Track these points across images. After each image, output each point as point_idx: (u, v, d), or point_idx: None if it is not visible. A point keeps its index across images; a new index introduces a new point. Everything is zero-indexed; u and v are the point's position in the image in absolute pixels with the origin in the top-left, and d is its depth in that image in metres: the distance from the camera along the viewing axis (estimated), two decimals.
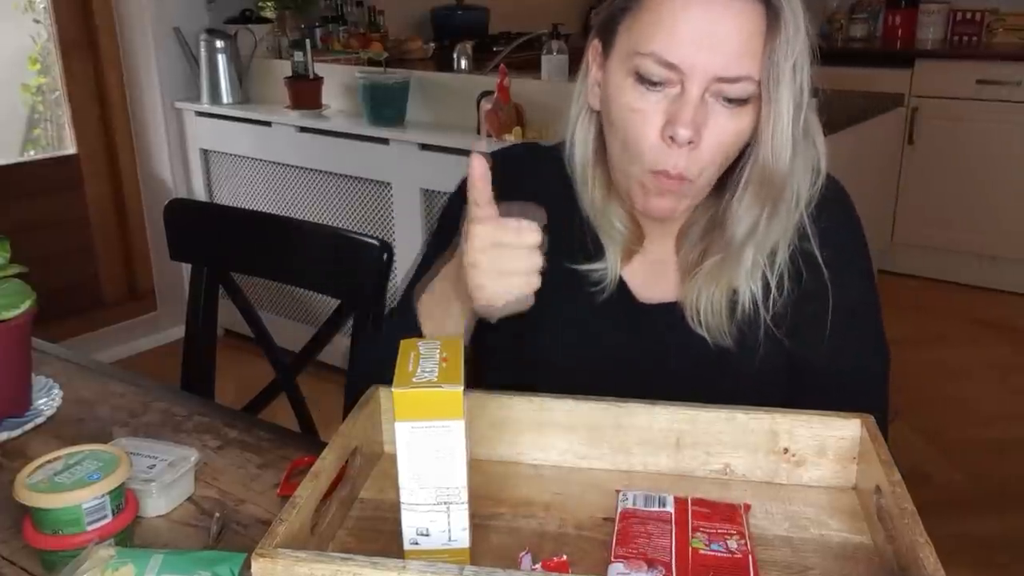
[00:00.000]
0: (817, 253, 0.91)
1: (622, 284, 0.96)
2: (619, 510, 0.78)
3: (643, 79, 0.82)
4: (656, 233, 0.96)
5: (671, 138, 0.82)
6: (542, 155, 1.02)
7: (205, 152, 3.09)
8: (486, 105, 2.35)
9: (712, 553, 0.72)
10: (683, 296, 0.94)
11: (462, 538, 0.71)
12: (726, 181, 0.89)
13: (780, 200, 0.87)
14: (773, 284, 0.90)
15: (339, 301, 1.35)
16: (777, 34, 0.80)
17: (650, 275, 0.97)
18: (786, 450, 0.83)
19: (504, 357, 0.99)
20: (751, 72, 0.81)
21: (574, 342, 0.97)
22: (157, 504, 0.87)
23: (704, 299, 0.91)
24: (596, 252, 0.95)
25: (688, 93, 0.81)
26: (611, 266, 0.95)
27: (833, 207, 0.93)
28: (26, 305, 1.00)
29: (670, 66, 0.81)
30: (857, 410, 0.83)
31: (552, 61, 2.55)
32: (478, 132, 2.42)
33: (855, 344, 0.96)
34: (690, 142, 0.81)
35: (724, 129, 0.83)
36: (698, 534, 0.74)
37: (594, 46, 0.90)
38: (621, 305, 0.96)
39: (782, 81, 0.81)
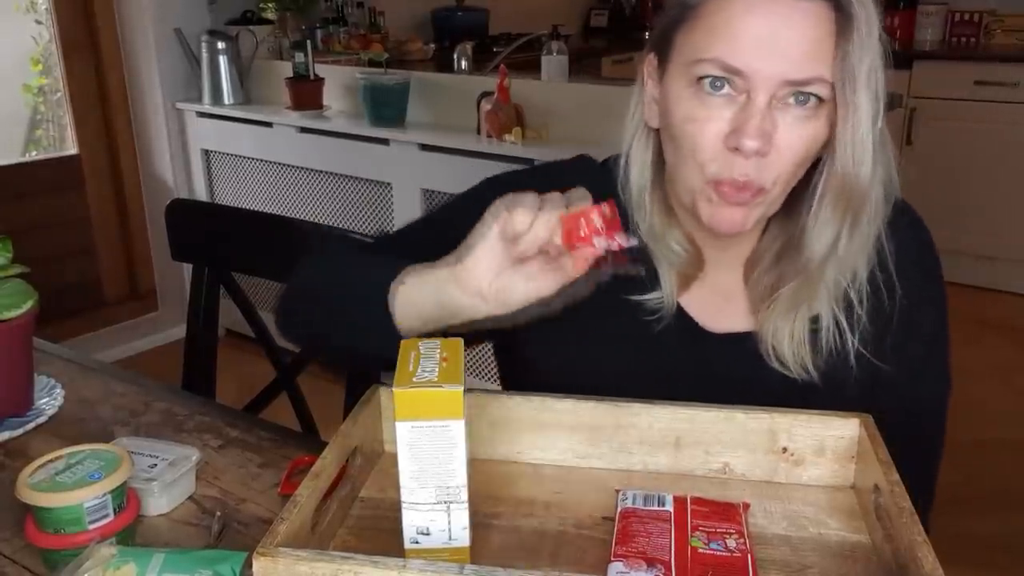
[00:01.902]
0: (894, 277, 0.86)
1: (682, 312, 0.90)
2: (619, 509, 0.78)
3: (705, 85, 0.77)
4: (720, 260, 0.90)
5: (736, 148, 0.76)
6: (595, 175, 0.92)
7: (206, 152, 3.09)
8: (486, 106, 2.36)
9: (711, 552, 0.72)
10: (757, 327, 0.88)
11: (462, 537, 0.72)
12: (799, 200, 0.83)
13: (861, 212, 0.81)
14: (856, 303, 0.85)
15: None
16: (850, 37, 0.74)
17: (715, 305, 0.91)
18: (785, 449, 0.83)
19: (556, 388, 0.88)
20: (822, 73, 0.75)
21: (633, 374, 0.90)
22: (158, 503, 0.88)
23: (783, 331, 0.85)
24: (650, 280, 0.89)
25: (754, 101, 0.75)
26: (667, 293, 0.88)
27: (905, 226, 0.89)
28: (28, 305, 1.01)
29: (734, 71, 0.75)
30: (915, 441, 0.80)
31: (552, 62, 2.55)
32: (478, 132, 2.43)
33: (922, 373, 0.93)
34: (757, 152, 0.76)
35: (796, 136, 0.77)
36: (697, 533, 0.74)
37: (649, 60, 0.85)
38: (684, 334, 0.90)
39: (859, 84, 0.75)
